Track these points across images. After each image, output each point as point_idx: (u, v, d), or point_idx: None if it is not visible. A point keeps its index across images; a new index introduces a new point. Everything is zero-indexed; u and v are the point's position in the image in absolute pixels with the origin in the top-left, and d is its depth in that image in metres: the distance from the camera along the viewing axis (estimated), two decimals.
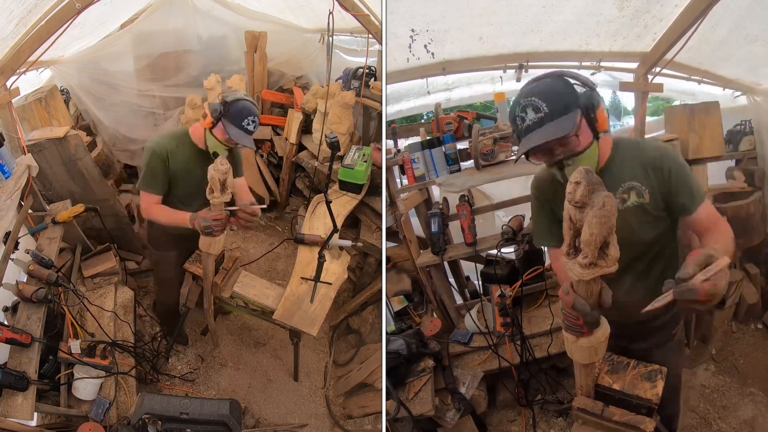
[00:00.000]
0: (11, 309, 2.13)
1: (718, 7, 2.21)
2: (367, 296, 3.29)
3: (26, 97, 3.06)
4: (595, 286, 1.18)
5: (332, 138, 2.43)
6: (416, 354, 2.49)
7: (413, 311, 2.99)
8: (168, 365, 2.89)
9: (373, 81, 3.66)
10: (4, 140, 2.38)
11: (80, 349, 2.07)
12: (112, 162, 3.82)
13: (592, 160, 1.45)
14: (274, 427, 2.74)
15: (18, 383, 1.80)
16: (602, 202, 1.07)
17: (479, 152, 2.58)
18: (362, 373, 2.91)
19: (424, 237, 3.05)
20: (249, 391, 2.93)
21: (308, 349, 3.22)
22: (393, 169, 2.83)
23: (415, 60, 2.89)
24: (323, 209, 2.94)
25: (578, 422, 1.49)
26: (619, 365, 1.53)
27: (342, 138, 3.56)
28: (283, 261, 3.89)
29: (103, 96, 3.79)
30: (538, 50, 2.93)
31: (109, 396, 2.13)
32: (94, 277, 2.65)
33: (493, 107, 2.97)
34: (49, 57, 2.99)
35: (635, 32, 2.63)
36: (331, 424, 2.87)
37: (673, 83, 3.04)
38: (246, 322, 3.29)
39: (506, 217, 3.16)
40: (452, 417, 2.37)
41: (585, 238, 1.10)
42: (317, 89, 3.78)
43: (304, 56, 4.51)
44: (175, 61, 3.99)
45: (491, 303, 2.65)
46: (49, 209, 2.66)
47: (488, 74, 3.29)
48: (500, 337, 2.57)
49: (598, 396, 1.48)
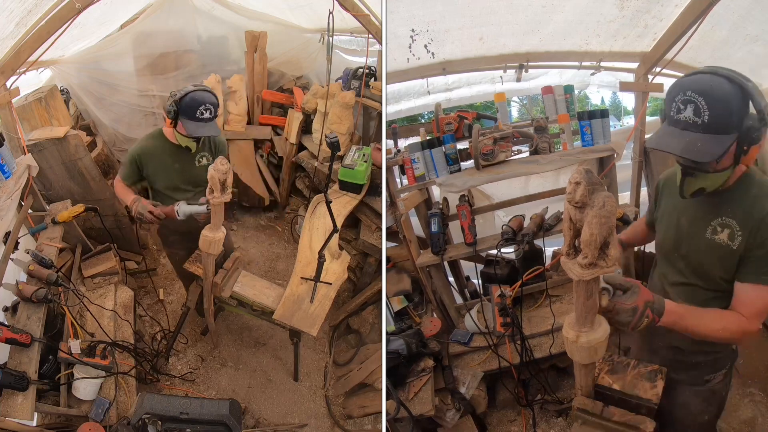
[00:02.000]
0: (11, 309, 2.13)
1: (719, 7, 2.20)
2: (367, 296, 3.29)
3: (26, 97, 3.06)
4: (594, 286, 1.18)
5: (332, 138, 2.43)
6: (416, 354, 2.49)
7: (413, 311, 2.98)
8: (168, 365, 2.89)
9: (373, 81, 3.66)
10: (4, 140, 2.38)
11: (80, 349, 2.07)
12: (112, 162, 3.82)
13: (715, 183, 1.34)
14: (274, 427, 2.74)
15: (18, 383, 1.80)
16: (602, 202, 1.07)
17: (479, 152, 2.58)
18: (362, 373, 2.91)
19: (424, 237, 3.05)
20: (249, 391, 2.93)
21: (308, 349, 3.22)
22: (393, 169, 2.83)
23: (415, 60, 2.88)
24: (323, 209, 2.94)
25: (578, 422, 1.48)
26: (619, 365, 1.53)
27: (342, 138, 3.56)
28: (283, 261, 3.89)
29: (103, 96, 3.79)
30: (538, 50, 2.92)
31: (109, 396, 2.13)
32: (94, 277, 2.65)
33: (493, 107, 2.97)
34: (49, 57, 2.99)
35: (635, 32, 2.62)
36: (331, 424, 2.87)
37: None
38: (246, 322, 3.29)
39: (506, 217, 3.17)
40: (452, 417, 2.37)
41: (585, 239, 1.10)
42: (317, 89, 3.79)
43: (304, 56, 4.52)
44: (175, 61, 3.99)
45: (491, 303, 2.65)
46: (49, 209, 2.66)
47: (488, 74, 3.29)
48: (500, 337, 2.57)
49: (598, 396, 1.48)
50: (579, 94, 3.78)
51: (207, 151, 2.56)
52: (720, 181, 1.34)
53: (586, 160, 2.69)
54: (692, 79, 1.26)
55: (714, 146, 1.22)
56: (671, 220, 1.55)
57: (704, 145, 1.22)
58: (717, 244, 1.39)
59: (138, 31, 3.83)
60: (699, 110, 1.21)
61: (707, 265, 1.44)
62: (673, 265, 1.56)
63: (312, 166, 3.80)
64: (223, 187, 2.05)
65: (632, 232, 1.91)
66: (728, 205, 1.38)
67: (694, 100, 1.22)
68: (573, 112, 2.74)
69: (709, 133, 1.22)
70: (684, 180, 1.37)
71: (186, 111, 2.28)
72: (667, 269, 1.60)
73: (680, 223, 1.51)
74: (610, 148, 2.62)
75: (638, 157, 2.82)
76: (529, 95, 3.83)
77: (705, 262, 1.44)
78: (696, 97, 1.22)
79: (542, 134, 2.67)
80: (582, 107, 3.40)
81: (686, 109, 1.24)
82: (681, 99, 1.25)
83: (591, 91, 4.64)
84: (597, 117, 2.62)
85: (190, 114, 2.28)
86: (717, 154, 1.22)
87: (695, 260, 1.47)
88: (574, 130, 2.74)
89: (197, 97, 2.28)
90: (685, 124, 1.24)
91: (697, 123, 1.22)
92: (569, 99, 2.75)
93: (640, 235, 1.87)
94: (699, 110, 1.21)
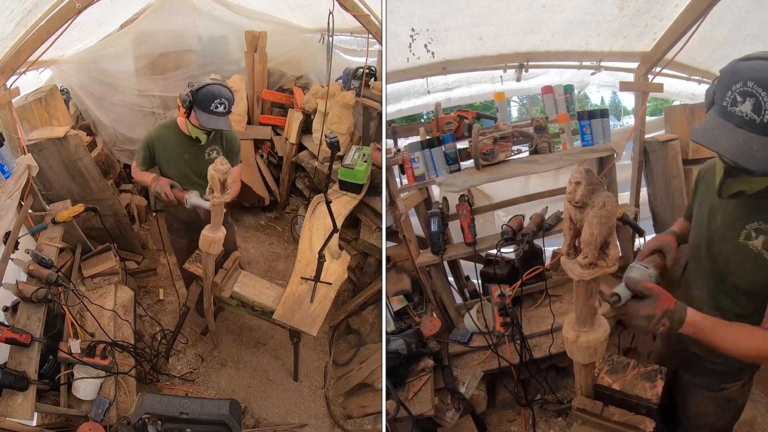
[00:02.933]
0: (11, 309, 2.13)
1: (719, 7, 2.20)
2: (367, 296, 3.29)
3: (26, 97, 3.05)
4: (594, 286, 1.18)
5: (332, 138, 2.43)
6: (416, 354, 2.49)
7: (413, 311, 2.98)
8: (168, 365, 2.89)
9: (373, 81, 3.66)
10: (4, 140, 2.38)
11: (80, 349, 2.07)
12: (112, 162, 3.82)
13: (758, 186, 1.20)
14: (274, 427, 2.74)
15: (18, 383, 1.80)
16: (602, 202, 1.07)
17: (479, 152, 2.58)
18: (362, 373, 2.91)
19: (423, 237, 3.05)
20: (249, 391, 2.93)
21: (308, 349, 3.22)
22: (393, 168, 2.83)
23: (415, 60, 2.88)
24: (323, 209, 2.94)
25: (578, 422, 1.49)
26: (619, 365, 1.53)
27: (342, 138, 3.56)
28: (283, 261, 3.89)
29: (103, 96, 3.79)
30: (539, 50, 2.92)
31: (109, 396, 2.13)
32: (94, 277, 2.65)
33: (493, 107, 2.97)
34: (49, 57, 2.99)
35: (635, 32, 2.62)
36: (331, 424, 2.87)
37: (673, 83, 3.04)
38: (246, 322, 3.29)
39: (506, 217, 3.17)
40: (452, 417, 2.37)
41: (585, 238, 1.10)
42: (317, 89, 3.78)
43: (304, 56, 4.52)
44: (175, 61, 4.00)
45: (491, 303, 2.65)
46: (49, 209, 2.66)
47: (488, 74, 3.29)
48: (500, 337, 2.57)
49: (598, 396, 1.48)
50: (579, 93, 3.78)
51: (218, 145, 2.61)
52: (763, 185, 1.20)
53: (586, 159, 2.69)
54: (754, 67, 1.06)
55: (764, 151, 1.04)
56: (706, 217, 1.42)
57: (761, 149, 1.04)
58: (749, 251, 1.27)
59: (138, 31, 3.83)
60: (760, 106, 1.03)
61: (736, 271, 1.33)
62: (701, 266, 1.46)
63: (312, 166, 3.80)
64: (223, 187, 2.05)
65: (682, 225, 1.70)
66: (766, 209, 1.25)
67: (756, 93, 1.03)
68: (573, 111, 2.74)
69: (761, 135, 1.04)
70: (724, 181, 1.24)
71: (201, 102, 2.34)
72: (695, 270, 1.51)
73: (714, 221, 1.39)
74: (610, 148, 2.62)
75: (638, 157, 2.82)
76: (529, 95, 3.83)
77: (733, 269, 1.33)
78: (758, 91, 1.03)
79: (542, 134, 2.67)
80: (582, 107, 3.40)
81: (744, 102, 1.05)
82: (740, 89, 1.05)
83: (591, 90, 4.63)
84: (597, 117, 2.62)
85: (205, 106, 2.35)
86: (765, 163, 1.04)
87: (724, 265, 1.37)
88: (574, 129, 2.74)
89: (213, 90, 2.35)
90: (741, 120, 1.06)
91: (755, 122, 1.04)
92: (569, 99, 2.75)
93: (685, 228, 1.66)
94: (760, 106, 1.03)
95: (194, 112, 2.38)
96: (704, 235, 1.43)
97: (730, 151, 1.07)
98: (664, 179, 2.76)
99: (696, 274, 1.51)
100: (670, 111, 2.90)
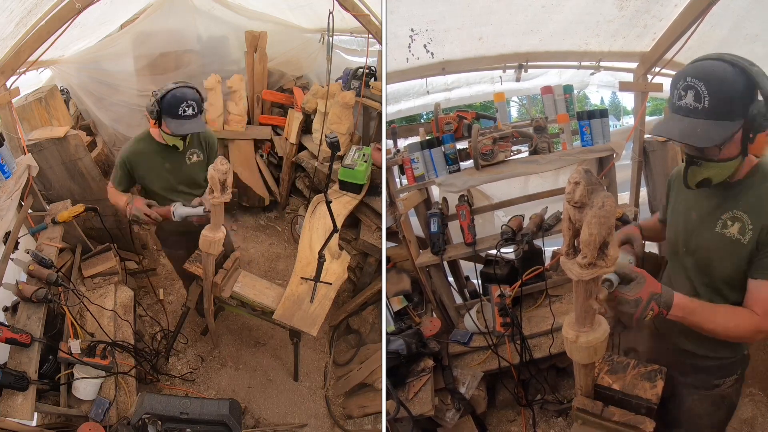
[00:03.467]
0: (11, 309, 2.13)
1: (718, 7, 2.20)
2: (367, 296, 3.29)
3: (26, 97, 3.06)
4: (594, 286, 1.18)
5: (332, 138, 2.43)
6: (416, 354, 2.49)
7: (413, 311, 2.98)
8: (168, 365, 2.89)
9: (373, 81, 3.66)
10: (4, 140, 2.38)
11: (80, 349, 2.07)
12: (112, 162, 3.81)
13: (722, 173, 1.30)
14: (274, 427, 2.74)
15: (18, 383, 1.80)
16: (602, 202, 1.07)
17: (479, 152, 2.58)
18: (362, 373, 2.91)
19: (423, 237, 3.05)
20: (249, 391, 2.93)
21: (308, 349, 3.22)
22: (393, 169, 2.84)
23: (414, 60, 2.88)
24: (323, 209, 2.94)
25: (578, 422, 1.49)
26: (619, 365, 1.53)
27: (342, 138, 3.56)
28: (283, 261, 3.89)
29: (103, 96, 3.79)
30: (538, 50, 2.92)
31: (109, 396, 2.13)
32: (94, 277, 2.65)
33: (493, 107, 2.97)
34: (49, 57, 2.99)
35: (635, 32, 2.62)
36: (331, 424, 2.87)
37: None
38: (246, 322, 3.29)
39: (506, 217, 3.17)
40: (452, 417, 2.37)
41: (584, 239, 1.10)
42: (317, 89, 3.79)
43: (304, 56, 4.52)
44: (175, 61, 4.00)
45: (491, 303, 2.65)
46: (49, 209, 2.66)
47: (488, 74, 3.29)
48: (500, 337, 2.58)
49: (597, 396, 1.48)
50: (578, 94, 3.79)
51: (197, 148, 2.54)
52: (727, 172, 1.30)
53: (586, 160, 2.69)
54: (694, 66, 1.24)
55: (715, 132, 1.19)
56: (681, 215, 1.51)
57: (704, 130, 1.19)
58: (727, 239, 1.34)
59: (138, 31, 3.83)
60: (699, 96, 1.19)
61: (715, 261, 1.39)
62: (681, 262, 1.52)
63: (312, 166, 3.80)
64: (223, 187, 2.05)
65: (650, 223, 1.83)
66: (739, 197, 1.33)
67: (695, 85, 1.20)
68: (572, 112, 2.75)
69: (710, 119, 1.19)
70: (688, 169, 1.34)
71: (168, 110, 2.26)
72: (675, 266, 1.56)
73: (689, 217, 1.47)
74: (609, 148, 2.62)
75: (638, 157, 2.82)
76: (528, 95, 3.83)
77: (713, 258, 1.39)
78: (696, 83, 1.20)
79: (541, 134, 2.67)
80: (581, 107, 3.40)
81: (687, 95, 1.22)
82: (682, 85, 1.23)
83: (590, 91, 4.62)
84: (596, 117, 2.63)
85: (173, 112, 2.26)
86: (718, 139, 1.19)
87: (703, 256, 1.43)
88: (573, 130, 2.74)
89: (178, 95, 2.25)
90: (687, 110, 1.23)
91: (698, 109, 1.20)
92: (569, 99, 2.75)
93: (655, 229, 1.79)
94: (699, 96, 1.19)
95: (164, 121, 2.29)
96: (681, 232, 1.51)
97: (681, 134, 1.23)
98: (663, 179, 2.75)
99: (676, 271, 1.56)
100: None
